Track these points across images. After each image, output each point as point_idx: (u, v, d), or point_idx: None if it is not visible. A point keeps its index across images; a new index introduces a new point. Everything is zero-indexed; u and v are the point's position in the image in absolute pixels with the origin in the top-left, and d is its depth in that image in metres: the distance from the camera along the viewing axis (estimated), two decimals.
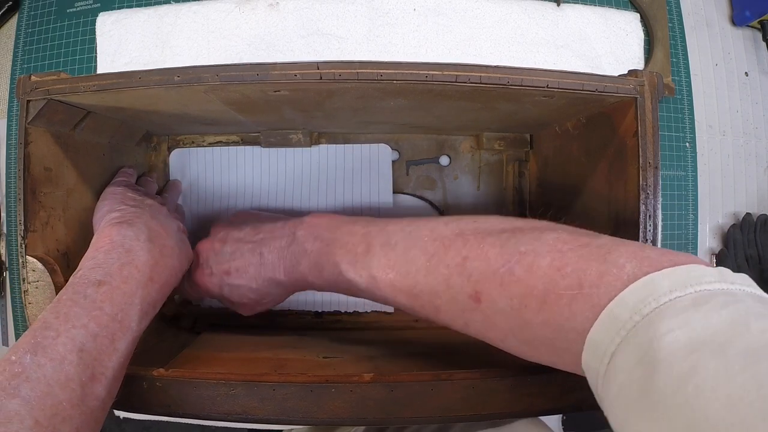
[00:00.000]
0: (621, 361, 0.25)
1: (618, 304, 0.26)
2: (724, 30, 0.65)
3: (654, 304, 0.24)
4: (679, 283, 0.25)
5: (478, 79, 0.37)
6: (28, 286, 0.40)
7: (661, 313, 0.24)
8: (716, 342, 0.22)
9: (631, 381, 0.23)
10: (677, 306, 0.24)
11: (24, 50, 0.63)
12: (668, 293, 0.25)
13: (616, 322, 0.25)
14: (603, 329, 0.26)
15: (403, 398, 0.36)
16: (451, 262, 0.34)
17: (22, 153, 0.39)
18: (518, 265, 0.31)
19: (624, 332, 0.25)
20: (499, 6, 0.61)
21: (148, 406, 0.38)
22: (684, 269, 0.26)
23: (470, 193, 0.59)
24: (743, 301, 0.24)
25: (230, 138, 0.58)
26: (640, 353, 0.23)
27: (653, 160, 0.39)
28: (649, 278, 0.26)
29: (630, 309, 0.25)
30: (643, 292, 0.25)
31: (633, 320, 0.25)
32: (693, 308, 0.23)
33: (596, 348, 0.26)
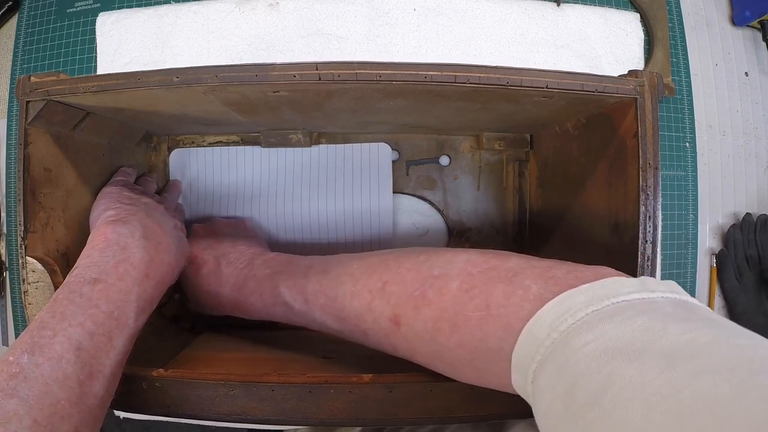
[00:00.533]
0: (544, 379, 0.25)
1: (536, 323, 0.26)
2: (724, 30, 0.65)
3: (570, 320, 0.25)
4: (595, 297, 0.25)
5: (477, 80, 0.37)
6: (28, 286, 0.40)
7: (578, 329, 0.24)
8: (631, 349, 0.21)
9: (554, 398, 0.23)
10: (593, 320, 0.24)
11: (24, 50, 0.63)
12: (584, 308, 0.25)
13: (535, 340, 0.26)
14: (523, 348, 0.26)
15: (402, 399, 0.36)
16: (374, 286, 0.36)
17: (22, 154, 0.39)
18: (431, 289, 0.32)
19: (543, 350, 0.25)
20: (499, 6, 0.61)
21: (147, 407, 0.38)
22: (600, 284, 0.26)
23: (470, 193, 0.59)
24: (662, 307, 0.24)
25: (230, 138, 0.58)
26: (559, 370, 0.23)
27: (653, 161, 0.39)
28: (566, 294, 0.26)
29: (547, 326, 0.25)
30: (560, 309, 0.26)
31: (551, 337, 0.25)
32: (608, 319, 0.23)
33: (520, 367, 0.27)
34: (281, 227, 0.58)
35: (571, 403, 0.22)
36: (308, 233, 0.58)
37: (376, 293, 0.35)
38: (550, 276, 0.28)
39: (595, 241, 0.45)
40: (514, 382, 0.28)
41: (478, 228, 0.60)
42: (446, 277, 0.32)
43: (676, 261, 0.62)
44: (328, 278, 0.40)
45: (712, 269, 0.63)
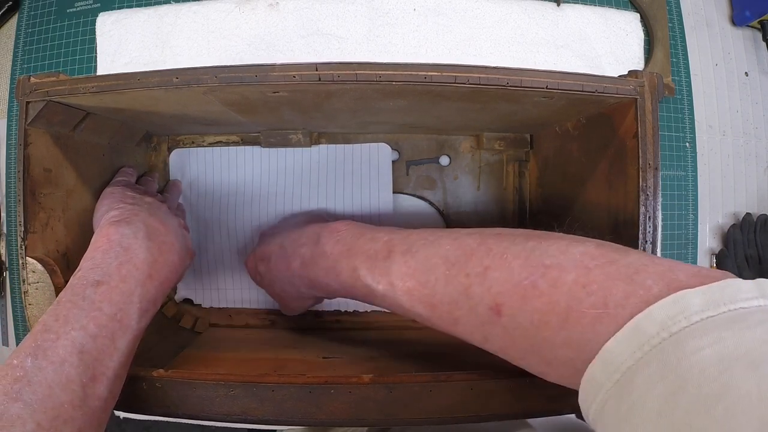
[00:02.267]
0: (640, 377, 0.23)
1: (645, 318, 0.25)
2: (724, 30, 0.65)
3: (684, 322, 0.23)
4: (712, 301, 0.24)
5: (477, 80, 0.37)
6: (28, 287, 0.40)
7: (692, 333, 0.23)
8: (749, 360, 0.20)
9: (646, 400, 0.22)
10: (709, 326, 0.23)
11: (24, 50, 0.63)
12: (700, 312, 0.23)
13: (641, 336, 0.24)
14: (624, 341, 0.25)
15: (402, 399, 0.36)
16: (472, 271, 0.33)
17: (22, 154, 0.39)
18: (542, 279, 0.30)
19: (648, 347, 0.24)
20: (499, 6, 0.61)
21: (147, 407, 0.38)
22: (717, 286, 0.24)
23: (470, 193, 0.59)
24: None
25: (230, 138, 0.58)
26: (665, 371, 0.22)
27: (653, 162, 0.39)
28: (681, 294, 0.25)
29: (658, 325, 0.24)
30: (674, 309, 0.24)
31: (660, 336, 0.23)
32: (726, 326, 0.22)
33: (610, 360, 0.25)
34: None
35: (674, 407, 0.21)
36: None
37: (475, 278, 0.32)
38: (673, 278, 0.26)
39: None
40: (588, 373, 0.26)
41: None
42: (560, 268, 0.29)
43: None
44: (416, 260, 0.37)
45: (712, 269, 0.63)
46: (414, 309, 0.37)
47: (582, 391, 0.27)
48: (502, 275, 0.31)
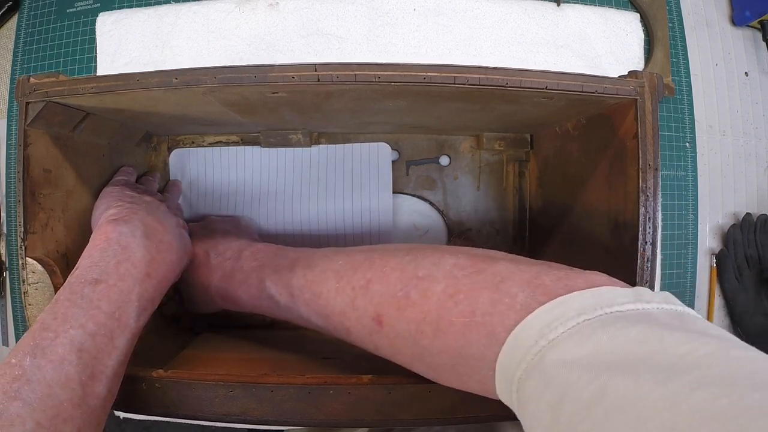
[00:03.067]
0: (530, 388, 0.24)
1: (523, 330, 0.25)
2: (724, 30, 0.65)
3: (561, 328, 0.24)
4: (588, 306, 0.24)
5: (476, 81, 0.37)
6: (28, 287, 0.40)
7: (569, 338, 0.23)
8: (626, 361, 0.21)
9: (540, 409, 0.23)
10: (585, 330, 0.23)
11: (24, 50, 0.63)
12: (576, 317, 0.24)
13: (521, 348, 0.25)
14: (509, 355, 0.26)
15: (401, 400, 0.36)
16: (357, 284, 0.35)
17: (22, 155, 0.39)
18: (414, 290, 0.31)
19: (530, 357, 0.24)
20: (499, 6, 0.61)
21: (147, 407, 0.38)
22: (593, 292, 0.25)
23: (470, 193, 0.59)
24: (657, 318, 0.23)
25: (230, 138, 0.58)
26: (548, 379, 0.23)
27: (653, 162, 0.39)
28: (557, 301, 0.25)
29: (536, 333, 0.25)
30: (550, 316, 0.25)
31: (539, 345, 0.24)
32: (602, 330, 0.23)
33: (504, 375, 0.26)
34: (281, 227, 0.58)
35: (560, 414, 0.21)
36: (308, 233, 0.58)
37: (360, 291, 0.35)
38: (539, 283, 0.27)
39: (595, 241, 0.45)
40: (499, 390, 0.27)
41: (478, 228, 0.60)
42: (431, 278, 0.31)
43: (676, 261, 0.62)
44: (313, 273, 0.39)
45: (712, 269, 0.63)
46: (311, 319, 0.40)
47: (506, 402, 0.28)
48: (381, 287, 0.33)
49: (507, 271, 0.29)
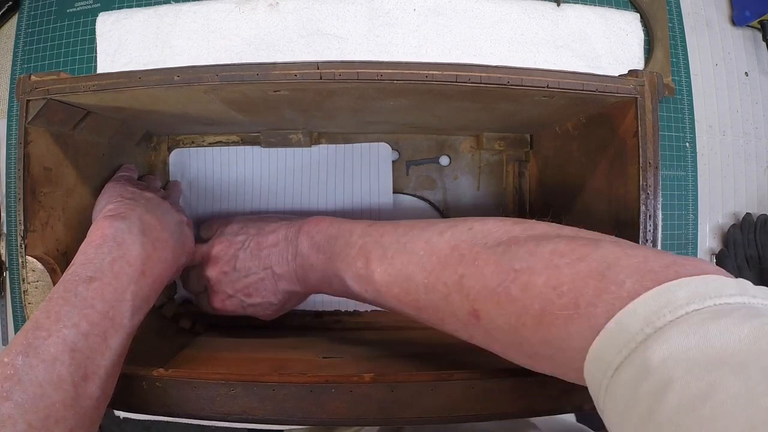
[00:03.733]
0: (628, 376, 0.23)
1: (628, 314, 0.24)
2: (724, 30, 0.65)
3: (669, 316, 0.23)
4: (696, 295, 0.23)
5: (478, 79, 0.37)
6: (28, 286, 0.40)
7: (677, 327, 0.22)
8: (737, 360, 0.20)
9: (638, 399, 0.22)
10: (694, 320, 0.22)
11: (24, 50, 0.63)
12: (685, 305, 0.23)
13: (625, 333, 0.24)
14: (609, 340, 0.25)
15: (404, 398, 0.36)
16: (449, 279, 0.34)
17: (22, 153, 0.39)
18: (513, 285, 0.30)
19: (633, 344, 0.23)
20: (499, 6, 0.61)
21: (147, 407, 0.38)
22: (701, 280, 0.24)
23: (470, 193, 0.59)
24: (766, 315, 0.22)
25: (230, 138, 0.58)
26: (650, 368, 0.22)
27: (653, 160, 0.39)
28: (665, 288, 0.24)
29: (642, 320, 0.24)
30: (657, 302, 0.24)
31: (644, 332, 0.23)
32: (712, 323, 0.22)
33: (600, 359, 0.25)
34: None
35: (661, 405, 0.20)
36: None
37: (453, 287, 0.33)
38: (648, 269, 0.26)
39: None
40: (587, 374, 0.26)
41: None
42: (530, 271, 0.30)
43: None
44: (394, 268, 0.37)
45: None
46: (403, 310, 0.38)
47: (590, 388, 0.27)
48: (476, 283, 0.32)
49: (612, 256, 0.28)
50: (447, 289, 0.34)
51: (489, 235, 0.34)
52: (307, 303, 0.58)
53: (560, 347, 0.28)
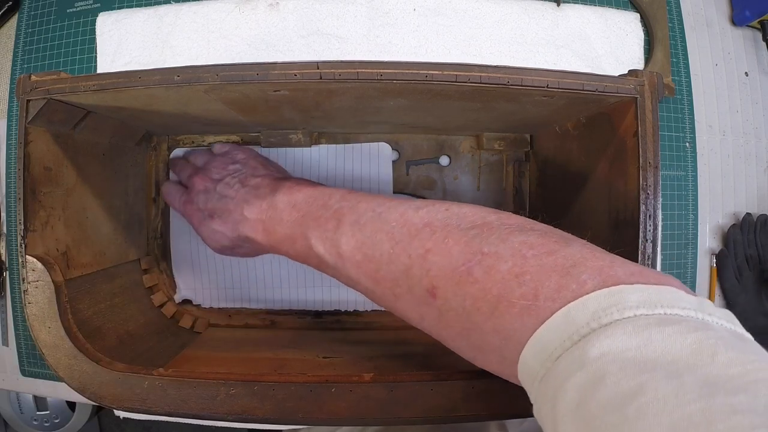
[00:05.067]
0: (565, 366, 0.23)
1: (577, 307, 0.25)
2: (724, 30, 0.65)
3: (617, 315, 0.23)
4: (648, 301, 0.24)
5: (478, 79, 0.37)
6: (28, 285, 0.40)
7: (622, 327, 0.22)
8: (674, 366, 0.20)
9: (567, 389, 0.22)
10: (640, 323, 0.22)
11: (24, 50, 0.63)
12: (634, 308, 0.23)
13: (571, 325, 0.24)
14: (554, 330, 0.25)
15: (404, 398, 0.36)
16: (414, 252, 0.33)
17: (22, 152, 0.39)
18: (478, 266, 0.30)
19: (577, 337, 0.24)
20: (499, 6, 0.61)
21: (147, 407, 0.38)
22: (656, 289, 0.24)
23: (470, 193, 0.59)
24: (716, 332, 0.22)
25: (230, 138, 0.58)
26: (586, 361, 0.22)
27: (653, 160, 0.39)
28: (618, 288, 0.24)
29: (589, 315, 0.24)
30: (607, 300, 0.24)
31: (590, 326, 0.23)
32: (657, 328, 0.22)
33: (542, 347, 0.25)
34: None
35: (590, 399, 0.21)
36: None
37: (416, 260, 0.33)
38: (611, 274, 0.26)
39: (596, 240, 0.45)
40: (522, 359, 0.26)
41: None
42: (497, 256, 0.29)
43: (676, 261, 0.62)
44: (363, 234, 0.37)
45: (712, 269, 0.63)
46: (360, 281, 0.38)
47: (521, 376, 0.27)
48: (441, 260, 0.32)
49: (579, 255, 0.28)
50: (410, 262, 0.33)
51: (464, 217, 0.34)
52: (308, 303, 0.58)
53: (510, 338, 0.28)
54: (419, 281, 0.33)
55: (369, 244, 0.36)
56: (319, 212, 0.41)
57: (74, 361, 0.39)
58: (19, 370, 0.63)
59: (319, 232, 0.40)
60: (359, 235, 0.37)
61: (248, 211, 0.46)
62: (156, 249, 0.59)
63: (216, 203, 0.49)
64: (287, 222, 0.43)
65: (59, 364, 0.39)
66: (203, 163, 0.53)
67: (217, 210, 0.48)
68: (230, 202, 0.48)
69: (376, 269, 0.36)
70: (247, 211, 0.46)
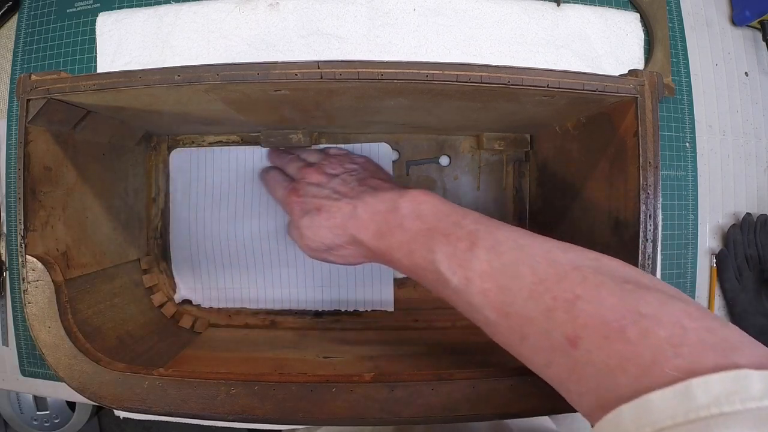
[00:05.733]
0: None
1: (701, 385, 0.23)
2: (724, 30, 0.65)
3: (739, 405, 0.22)
4: None
5: (478, 79, 0.37)
6: (28, 285, 0.40)
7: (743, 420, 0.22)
8: None
9: None
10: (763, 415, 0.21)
11: (24, 50, 0.63)
12: (758, 399, 0.22)
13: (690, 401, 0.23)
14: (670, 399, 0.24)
15: (404, 398, 0.36)
16: (561, 294, 0.31)
17: (22, 152, 0.39)
18: (633, 326, 0.28)
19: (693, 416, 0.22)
20: (499, 6, 0.61)
21: (148, 407, 0.38)
22: None
23: (470, 193, 0.59)
24: None
25: (230, 138, 0.58)
26: None
27: (653, 160, 0.39)
28: (744, 374, 0.23)
29: (712, 397, 0.23)
30: (732, 386, 0.23)
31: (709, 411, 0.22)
32: None
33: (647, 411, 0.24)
34: (281, 227, 0.58)
35: None
36: None
37: (562, 304, 0.30)
38: None
39: (596, 239, 0.45)
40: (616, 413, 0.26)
41: None
42: (656, 320, 0.27)
43: (676, 261, 0.62)
44: (501, 262, 0.34)
45: (712, 269, 0.63)
46: (483, 312, 0.35)
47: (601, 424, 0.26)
48: (592, 309, 0.29)
49: (737, 339, 0.26)
50: (554, 303, 0.31)
51: (616, 270, 0.32)
52: (308, 302, 0.58)
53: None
54: (561, 326, 0.30)
55: (506, 275, 0.34)
56: (451, 229, 0.38)
57: (74, 361, 0.39)
58: (19, 370, 0.63)
59: (448, 249, 0.37)
60: (496, 262, 0.35)
61: (362, 210, 0.44)
62: (156, 249, 0.59)
63: (327, 197, 0.46)
64: (408, 229, 0.40)
65: (59, 364, 0.39)
66: (318, 159, 0.52)
67: (326, 205, 0.45)
68: (343, 198, 0.45)
69: (509, 302, 0.33)
70: (362, 209, 0.44)
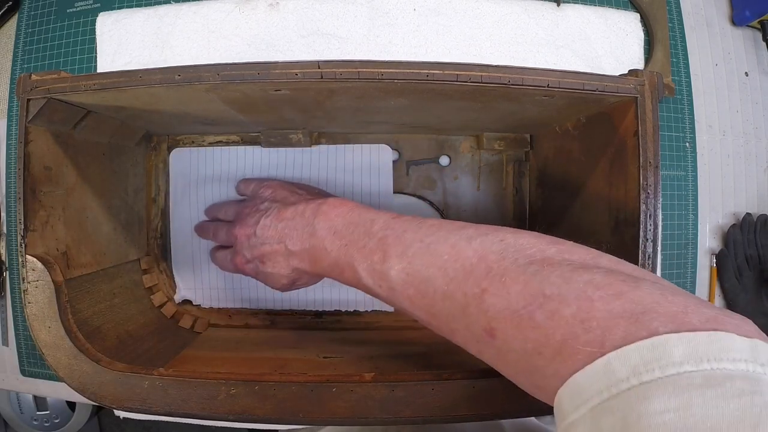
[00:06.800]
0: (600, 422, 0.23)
1: (619, 358, 0.23)
2: (724, 30, 0.65)
3: (658, 373, 0.22)
4: (694, 354, 0.22)
5: (479, 79, 0.37)
6: (28, 285, 0.40)
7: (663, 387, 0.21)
8: None
9: None
10: (682, 383, 0.21)
11: (24, 50, 0.63)
12: (677, 365, 0.22)
13: (610, 376, 0.23)
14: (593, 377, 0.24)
15: (404, 398, 0.36)
16: (470, 291, 0.32)
17: (22, 152, 0.39)
18: (540, 310, 0.28)
19: (615, 390, 0.23)
20: (499, 6, 0.61)
21: (148, 407, 0.38)
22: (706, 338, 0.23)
23: (470, 193, 0.59)
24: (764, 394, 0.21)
25: (230, 138, 0.58)
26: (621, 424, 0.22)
27: (653, 160, 0.39)
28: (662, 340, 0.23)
29: (630, 368, 0.23)
30: (650, 354, 0.23)
31: (629, 382, 0.22)
32: (699, 390, 0.21)
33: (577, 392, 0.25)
34: None
35: None
36: None
37: (472, 299, 0.31)
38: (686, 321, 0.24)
39: (596, 239, 0.45)
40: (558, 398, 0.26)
41: None
42: (561, 299, 0.27)
43: (676, 261, 0.62)
44: (413, 267, 0.35)
45: (712, 269, 0.63)
46: (415, 313, 0.37)
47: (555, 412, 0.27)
48: (499, 301, 0.30)
49: (650, 299, 0.26)
50: (466, 300, 0.32)
51: (521, 251, 0.32)
52: (308, 302, 0.58)
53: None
54: (477, 321, 0.31)
55: (421, 279, 0.35)
56: (363, 241, 0.39)
57: (74, 361, 0.39)
58: (19, 370, 0.63)
59: (366, 264, 0.38)
60: (409, 268, 0.36)
61: (291, 245, 0.45)
62: (156, 249, 0.59)
63: (261, 248, 0.48)
64: (331, 251, 0.42)
65: (59, 364, 0.39)
66: (234, 214, 0.53)
67: (265, 254, 0.47)
68: (273, 241, 0.47)
69: (430, 304, 0.35)
70: (291, 245, 0.45)
